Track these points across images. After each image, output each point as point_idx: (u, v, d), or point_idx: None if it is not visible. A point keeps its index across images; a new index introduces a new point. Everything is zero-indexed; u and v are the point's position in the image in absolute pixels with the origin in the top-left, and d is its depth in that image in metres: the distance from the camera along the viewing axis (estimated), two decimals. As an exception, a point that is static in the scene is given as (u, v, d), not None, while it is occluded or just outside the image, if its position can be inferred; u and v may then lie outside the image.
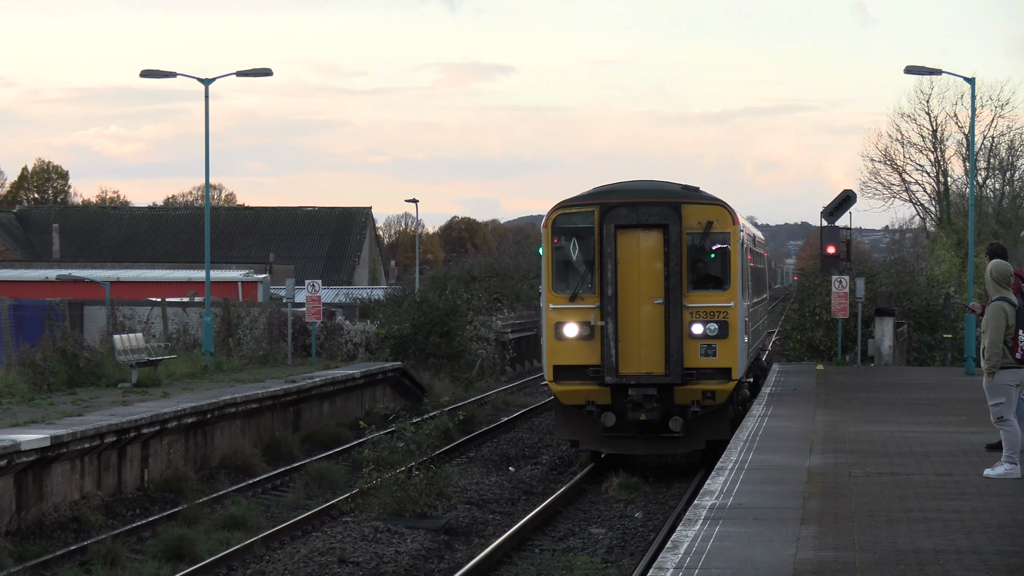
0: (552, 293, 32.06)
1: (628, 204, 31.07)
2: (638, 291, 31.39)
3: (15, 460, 37.22)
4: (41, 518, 38.20)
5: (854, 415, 42.97)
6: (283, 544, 36.63)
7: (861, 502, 27.36)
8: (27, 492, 38.12)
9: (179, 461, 47.53)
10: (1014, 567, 21.54)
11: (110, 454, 43.22)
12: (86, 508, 40.18)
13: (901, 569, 21.43)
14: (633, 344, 31.48)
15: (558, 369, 32.41)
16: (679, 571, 21.22)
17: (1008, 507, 26.64)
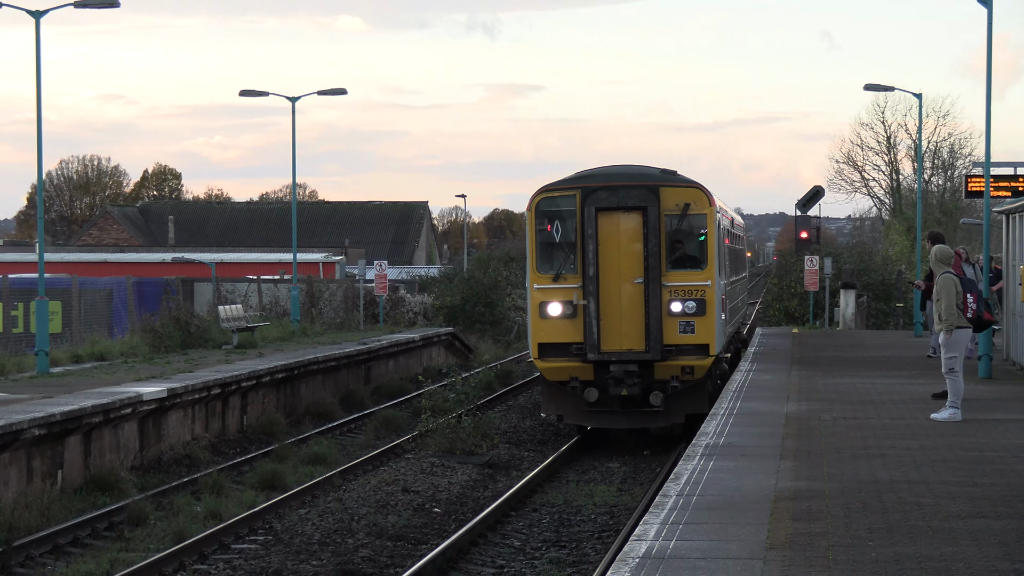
0: (536, 274, 30.35)
1: (608, 187, 29.16)
2: (619, 271, 29.42)
3: (138, 408, 37.41)
4: (159, 456, 38.39)
5: (823, 370, 42.88)
6: (357, 476, 36.59)
7: (829, 441, 27.33)
8: (148, 434, 38.30)
9: (271, 409, 47.74)
10: (955, 493, 21.51)
11: (215, 403, 43.46)
12: (196, 447, 40.40)
13: (862, 496, 21.39)
14: (614, 322, 29.70)
15: (542, 347, 30.77)
16: (680, 498, 21.19)
17: (951, 445, 26.61)
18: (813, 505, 20.59)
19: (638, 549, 17.72)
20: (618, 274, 29.16)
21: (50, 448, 32.76)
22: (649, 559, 17.06)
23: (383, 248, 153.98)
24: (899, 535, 18.52)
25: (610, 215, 28.87)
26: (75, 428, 33.97)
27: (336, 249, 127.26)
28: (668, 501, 20.98)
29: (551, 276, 29.70)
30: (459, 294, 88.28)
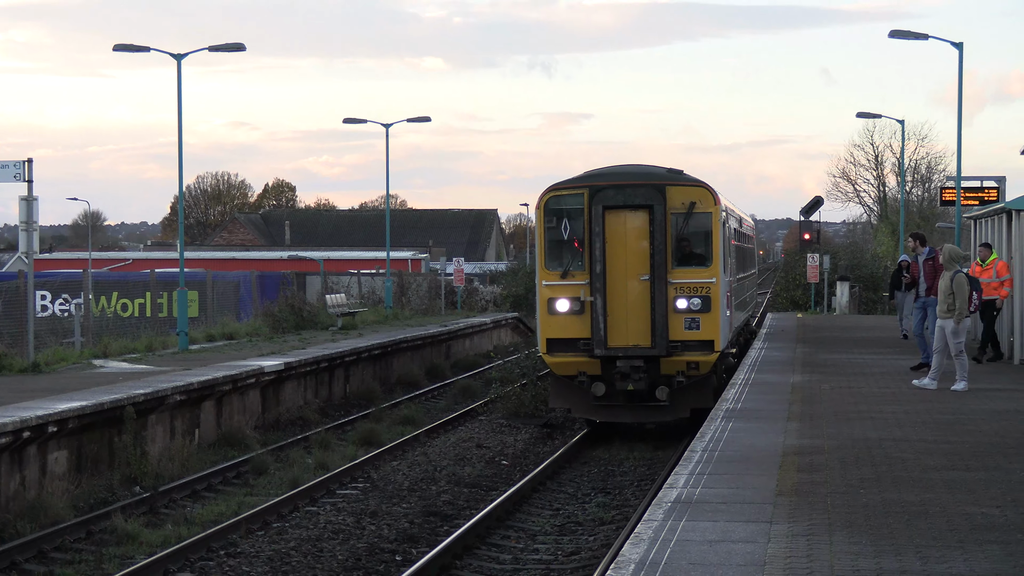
0: (545, 270, 27.25)
1: (615, 186, 26.53)
2: (625, 268, 26.52)
3: (260, 378, 37.56)
4: (278, 417, 38.54)
5: (822, 347, 42.75)
6: (439, 434, 36.61)
7: (827, 406, 27.19)
8: (268, 400, 38.45)
9: (369, 379, 47.78)
10: (932, 450, 21.42)
11: (323, 374, 43.56)
12: (307, 410, 40.55)
13: (855, 451, 21.32)
14: (621, 318, 26.75)
15: (551, 342, 27.59)
16: (704, 453, 21.13)
17: (928, 410, 26.48)
18: (814, 459, 20.53)
19: (670, 495, 17.70)
20: (625, 271, 26.59)
21: (189, 411, 32.94)
22: (679, 503, 17.03)
23: (460, 247, 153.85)
24: (885, 484, 18.47)
25: (617, 213, 26.54)
26: (209, 394, 34.16)
27: (422, 248, 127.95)
28: (695, 456, 20.96)
29: (559, 273, 27.24)
30: (523, 285, 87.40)
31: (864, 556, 14.22)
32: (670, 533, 15.35)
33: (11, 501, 24.98)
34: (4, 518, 24.22)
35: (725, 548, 14.60)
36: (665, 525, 15.73)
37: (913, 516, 16.26)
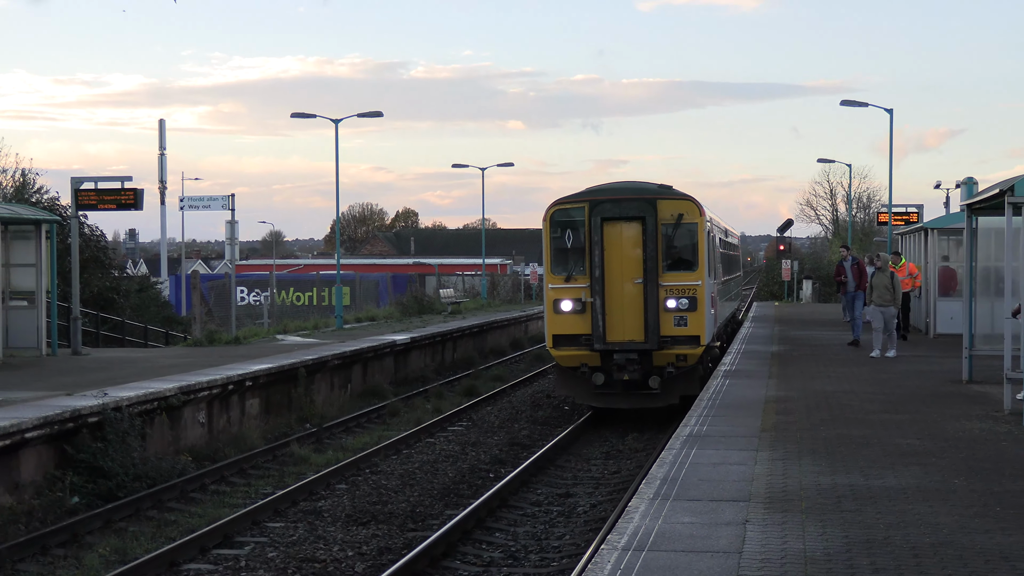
0: (551, 275, 24.95)
1: (612, 200, 24.31)
2: (621, 272, 24.21)
3: (394, 348, 37.60)
4: (406, 376, 38.46)
5: (793, 327, 42.56)
6: (520, 388, 36.48)
7: (797, 368, 27.09)
8: (399, 364, 38.42)
9: (470, 349, 47.61)
10: (871, 399, 21.27)
11: (438, 345, 43.48)
12: (427, 371, 40.55)
13: (816, 400, 21.24)
14: (618, 316, 24.27)
15: (556, 338, 24.96)
16: (708, 402, 21.07)
17: (868, 371, 26.31)
18: (788, 406, 20.48)
19: (684, 432, 17.70)
20: (621, 275, 24.09)
21: (343, 371, 33.06)
22: (691, 437, 17.03)
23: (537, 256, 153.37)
24: (838, 423, 18.42)
25: (614, 224, 24.08)
26: (358, 359, 34.29)
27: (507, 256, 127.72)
28: (702, 403, 20.94)
29: (563, 277, 24.56)
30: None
31: (823, 474, 14.25)
32: (685, 458, 15.39)
33: (221, 433, 25.26)
34: (216, 445, 24.48)
35: (724, 468, 14.65)
36: (681, 452, 15.77)
37: (857, 446, 16.26)
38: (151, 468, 20.97)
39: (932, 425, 18.21)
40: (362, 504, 19.61)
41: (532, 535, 17.39)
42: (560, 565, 15.66)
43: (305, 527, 18.07)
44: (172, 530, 17.98)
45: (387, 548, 16.72)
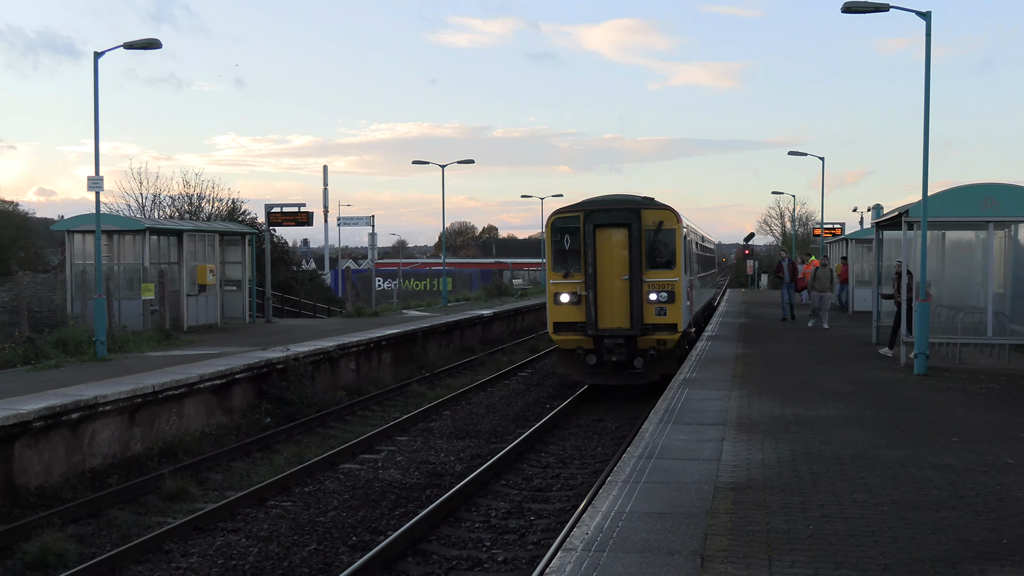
0: (552, 272, 21.95)
1: (603, 210, 21.44)
2: (611, 270, 21.36)
3: (481, 320, 37.50)
4: (490, 338, 38.28)
5: (755, 307, 42.08)
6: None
7: (756, 334, 26.86)
8: (485, 330, 38.22)
9: (533, 320, 46.62)
10: (808, 356, 21.05)
11: (511, 318, 43.07)
12: (503, 335, 40.37)
13: (771, 356, 21.05)
14: (607, 307, 21.37)
15: (556, 325, 21.82)
16: (698, 357, 20.97)
17: (807, 336, 26.02)
18: (751, 359, 20.33)
19: (680, 378, 17.61)
20: (611, 272, 21.30)
21: (447, 334, 33.10)
22: (686, 381, 16.95)
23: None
24: (786, 373, 18.27)
25: (605, 230, 21.32)
26: (456, 327, 34.30)
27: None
28: (692, 358, 20.83)
29: (562, 274, 21.59)
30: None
31: (776, 406, 14.16)
32: (680, 395, 15.33)
33: (365, 376, 25.37)
34: (361, 384, 24.62)
35: (709, 402, 14.57)
36: (679, 392, 15.70)
37: (799, 388, 16.13)
38: (318, 399, 21.23)
39: (851, 374, 18.05)
40: (460, 425, 19.71)
41: (576, 447, 17.40)
42: (595, 467, 15.67)
43: (422, 440, 18.19)
44: (332, 441, 18.16)
45: (477, 454, 16.80)
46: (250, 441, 17.44)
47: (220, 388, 18.87)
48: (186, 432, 17.67)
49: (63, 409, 14.55)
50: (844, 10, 18.06)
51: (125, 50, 21.04)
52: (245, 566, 10.99)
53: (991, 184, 19.23)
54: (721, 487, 9.33)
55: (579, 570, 6.99)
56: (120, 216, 32.67)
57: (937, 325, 20.28)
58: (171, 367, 19.03)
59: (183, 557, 11.40)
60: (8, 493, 13.61)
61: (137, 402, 16.26)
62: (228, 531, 12.45)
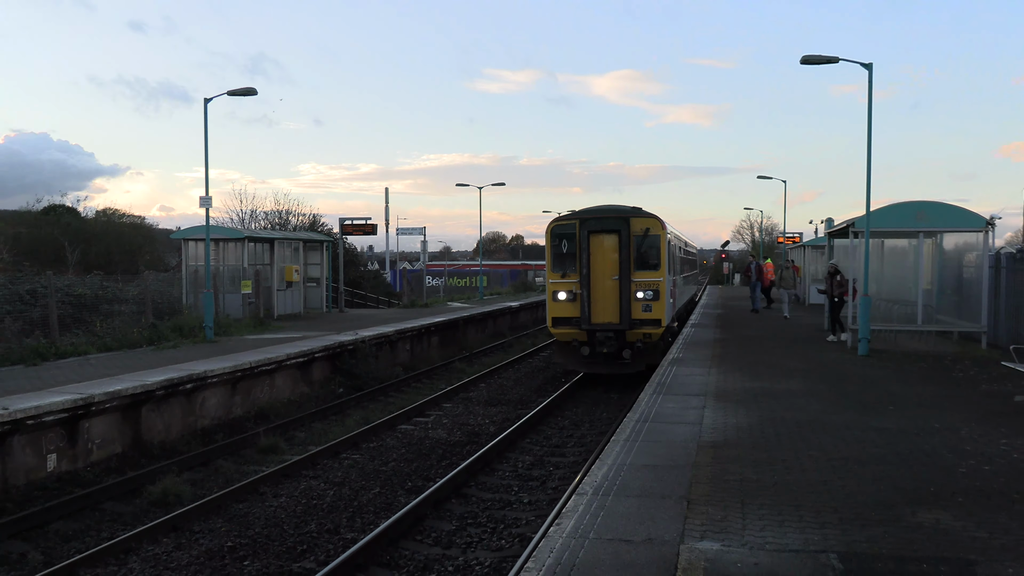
0: (551, 273, 20.07)
1: (596, 218, 19.69)
2: (603, 271, 19.58)
3: (510, 310, 37.34)
4: (516, 325, 38.01)
5: (730, 300, 41.78)
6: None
7: (731, 321, 26.62)
8: (513, 318, 38.02)
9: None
10: (771, 337, 20.88)
11: (534, 308, 42.53)
12: (527, 322, 40.01)
13: (741, 339, 20.86)
14: (600, 304, 19.59)
15: (555, 319, 19.91)
16: (683, 341, 20.79)
17: (771, 323, 25.76)
18: (725, 343, 20.15)
19: (669, 357, 17.47)
20: (603, 273, 19.59)
21: (482, 323, 33.03)
22: (674, 360, 16.83)
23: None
24: (755, 353, 18.11)
25: (598, 235, 19.66)
26: (490, 316, 34.19)
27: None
28: (679, 342, 20.60)
29: (560, 275, 19.87)
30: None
31: (746, 381, 14.06)
32: (670, 372, 15.25)
33: (417, 355, 25.33)
34: (415, 362, 24.63)
35: (693, 377, 14.48)
36: (668, 369, 15.62)
37: (765, 366, 16.00)
38: (380, 373, 21.27)
39: (806, 355, 17.89)
40: (493, 394, 19.69)
41: (586, 413, 17.33)
42: (602, 428, 15.62)
43: (463, 406, 18.20)
44: (392, 407, 18.20)
45: (507, 418, 16.79)
46: (326, 407, 17.52)
47: (303, 364, 18.98)
48: (276, 399, 17.79)
49: (179, 380, 14.71)
50: (802, 62, 17.93)
51: (228, 96, 21.22)
52: (323, 505, 11.07)
53: (922, 201, 19.08)
54: (703, 445, 9.30)
55: (590, 510, 7.01)
56: (225, 227, 32.95)
57: (877, 315, 20.12)
58: (264, 348, 19.16)
59: (274, 497, 11.49)
60: (136, 447, 13.78)
61: (237, 375, 16.39)
62: (310, 477, 12.54)
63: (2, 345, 17.56)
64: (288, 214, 47.07)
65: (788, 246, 47.54)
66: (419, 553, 9.26)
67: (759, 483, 7.78)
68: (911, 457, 8.81)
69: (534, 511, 10.68)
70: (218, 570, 8.83)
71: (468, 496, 11.40)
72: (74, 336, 19.86)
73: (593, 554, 6.01)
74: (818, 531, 6.48)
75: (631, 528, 6.51)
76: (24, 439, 11.72)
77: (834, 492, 7.50)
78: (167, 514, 10.66)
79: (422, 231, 55.07)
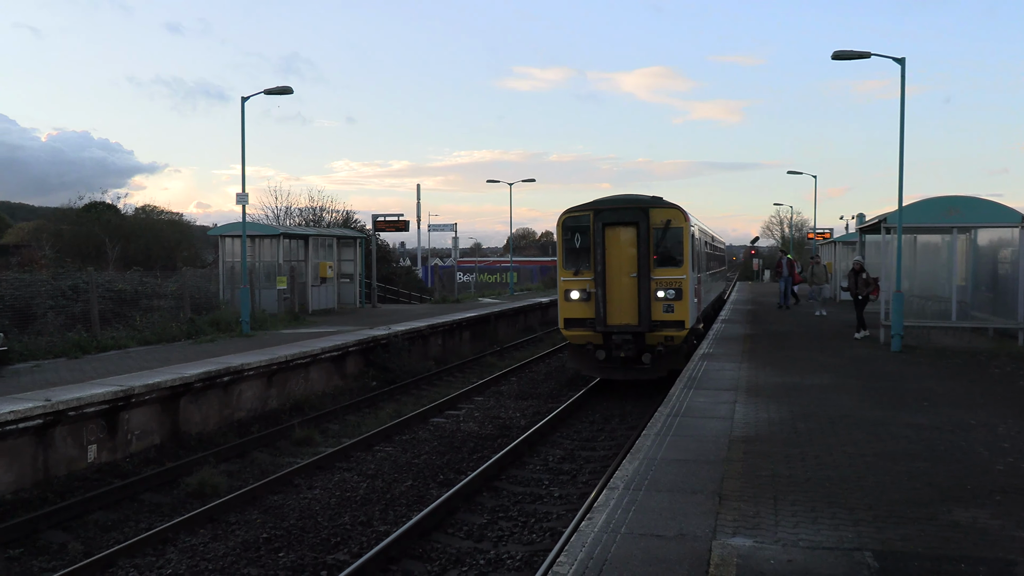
0: (563, 270, 17.91)
1: (612, 209, 17.52)
2: (620, 268, 17.48)
3: (540, 305, 37.20)
4: (546, 320, 37.81)
5: (759, 295, 41.45)
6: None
7: (761, 317, 26.32)
8: (543, 313, 37.85)
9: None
10: (803, 335, 20.62)
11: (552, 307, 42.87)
12: (536, 325, 39.98)
13: (772, 335, 20.61)
14: (617, 304, 17.46)
15: (567, 321, 17.79)
16: (713, 336, 20.59)
17: (803, 320, 25.43)
18: (755, 339, 19.92)
19: (700, 352, 17.29)
20: (619, 270, 17.52)
21: (514, 318, 32.96)
22: (705, 355, 16.65)
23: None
24: (785, 348, 17.88)
25: (614, 228, 17.56)
26: (521, 311, 34.13)
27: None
28: (709, 337, 20.42)
29: (573, 272, 17.77)
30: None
31: (777, 376, 13.87)
32: (701, 367, 15.09)
33: (449, 349, 25.39)
34: (447, 356, 24.64)
35: (723, 372, 14.33)
36: (700, 364, 15.47)
37: (796, 361, 15.79)
38: (413, 367, 21.30)
39: (838, 351, 17.63)
40: (524, 388, 19.63)
41: (616, 407, 17.20)
42: (632, 423, 15.50)
43: (494, 400, 18.17)
44: (424, 400, 18.22)
45: (537, 412, 16.73)
46: (360, 400, 17.57)
47: (337, 358, 19.06)
48: (311, 392, 17.87)
49: (217, 373, 14.81)
50: (834, 57, 17.63)
51: (264, 95, 21.31)
52: (357, 497, 11.08)
53: (955, 196, 18.71)
54: (734, 440, 9.18)
55: (621, 504, 6.92)
56: (260, 224, 33.18)
57: (910, 311, 19.79)
58: (299, 342, 19.27)
59: (309, 489, 11.53)
60: (174, 438, 13.90)
61: (273, 368, 16.49)
62: (343, 469, 12.57)
63: (45, 339, 17.82)
64: (322, 211, 47.33)
65: (818, 242, 47.03)
66: (451, 546, 9.23)
67: (791, 479, 7.64)
68: (947, 454, 8.61)
69: (565, 505, 10.61)
70: (254, 561, 8.86)
71: (499, 489, 11.35)
72: (114, 330, 20.11)
73: (625, 549, 5.93)
74: (852, 528, 6.34)
75: (663, 523, 6.42)
76: (65, 430, 11.85)
77: (868, 489, 7.34)
78: (204, 505, 10.73)
79: (453, 227, 55.20)
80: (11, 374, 14.28)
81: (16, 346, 16.37)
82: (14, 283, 20.70)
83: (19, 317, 19.42)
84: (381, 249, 46.15)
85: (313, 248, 28.50)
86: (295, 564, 8.76)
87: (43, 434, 11.49)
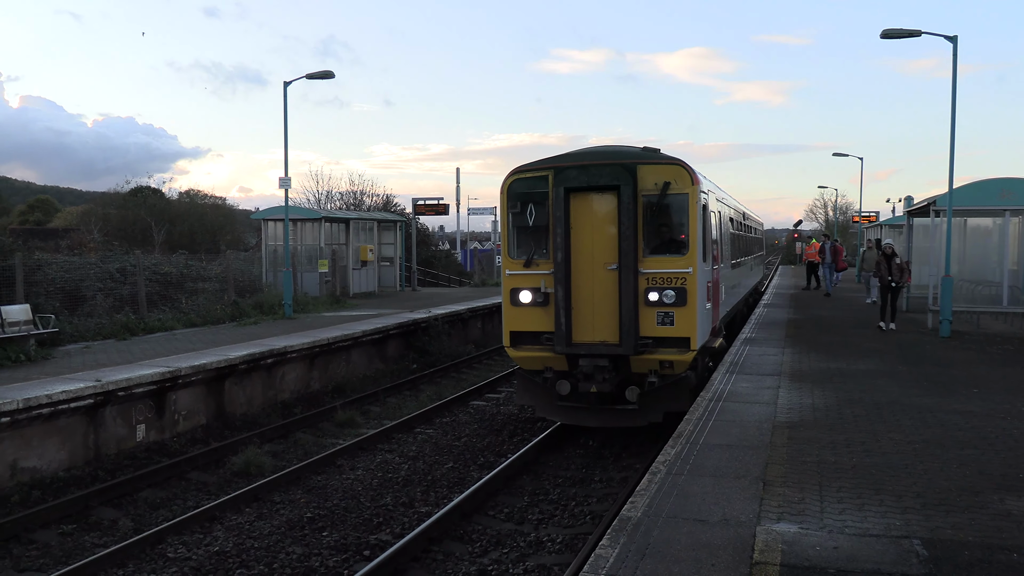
0: (508, 259, 11.58)
1: (579, 167, 10.96)
2: (591, 256, 11.09)
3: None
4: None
5: (802, 278, 40.93)
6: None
7: (802, 303, 25.97)
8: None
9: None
10: (847, 320, 20.30)
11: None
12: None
13: (815, 320, 20.36)
14: (587, 312, 11.23)
15: (514, 335, 11.67)
16: (756, 320, 20.36)
17: (848, 304, 25.07)
18: (800, 324, 19.68)
19: (742, 336, 17.09)
20: (591, 259, 11.17)
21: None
22: (747, 340, 16.47)
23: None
24: (829, 333, 17.64)
25: (582, 196, 11.13)
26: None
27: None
28: (752, 321, 20.20)
29: (523, 262, 11.52)
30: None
31: (822, 361, 13.69)
32: (743, 351, 14.94)
33: (490, 333, 25.41)
34: (487, 340, 24.67)
35: (766, 357, 14.16)
36: (742, 348, 15.31)
37: (840, 346, 15.57)
38: (453, 350, 21.38)
39: (885, 336, 17.35)
40: (564, 372, 19.62)
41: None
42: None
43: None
44: (464, 383, 18.28)
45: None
46: (401, 382, 17.69)
47: (378, 341, 19.20)
48: (352, 374, 18.04)
49: (260, 355, 15.00)
50: (883, 36, 17.23)
51: (306, 80, 21.39)
52: (398, 478, 11.18)
53: (1007, 178, 18.26)
54: (778, 425, 9.08)
55: (663, 488, 6.89)
56: (302, 208, 33.48)
57: (959, 296, 19.38)
58: (340, 324, 19.44)
59: (351, 470, 11.66)
60: (220, 418, 14.12)
61: (316, 351, 16.66)
62: (385, 451, 12.68)
63: (94, 320, 18.19)
64: (362, 194, 47.66)
65: (864, 225, 46.23)
66: (491, 528, 9.28)
67: (837, 465, 7.54)
68: (998, 441, 8.43)
69: (605, 488, 10.59)
70: (298, 540, 8.99)
71: (539, 473, 11.36)
72: (161, 312, 20.47)
73: (668, 533, 5.90)
74: (900, 516, 6.24)
75: (706, 508, 6.38)
76: (115, 410, 12.11)
77: (916, 476, 7.22)
78: (249, 484, 10.91)
79: (493, 211, 55.13)
80: (62, 355, 14.62)
81: (66, 328, 16.74)
82: (64, 266, 21.15)
83: (69, 299, 19.85)
84: (421, 233, 46.33)
85: (354, 232, 28.68)
86: (338, 543, 8.87)
87: (94, 414, 11.75)
